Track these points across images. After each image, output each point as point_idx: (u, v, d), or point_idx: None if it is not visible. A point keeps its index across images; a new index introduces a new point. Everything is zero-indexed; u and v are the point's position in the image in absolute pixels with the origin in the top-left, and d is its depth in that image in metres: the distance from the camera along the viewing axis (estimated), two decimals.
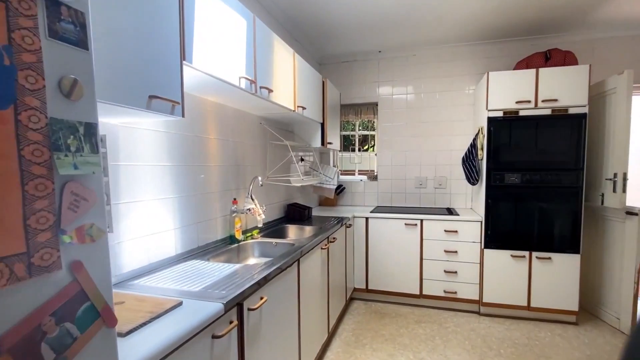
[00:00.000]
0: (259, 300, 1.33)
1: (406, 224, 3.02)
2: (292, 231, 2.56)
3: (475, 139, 2.93)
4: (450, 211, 3.18)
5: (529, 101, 2.64)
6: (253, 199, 2.16)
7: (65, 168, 0.51)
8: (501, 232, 2.76)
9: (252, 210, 2.12)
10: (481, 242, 2.84)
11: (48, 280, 0.51)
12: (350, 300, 3.23)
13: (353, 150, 3.94)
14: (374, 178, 3.75)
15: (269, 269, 1.44)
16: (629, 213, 2.50)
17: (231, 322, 1.13)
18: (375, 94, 3.67)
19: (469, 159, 2.97)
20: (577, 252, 2.62)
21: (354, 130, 3.94)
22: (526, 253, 2.72)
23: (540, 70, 2.62)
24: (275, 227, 2.48)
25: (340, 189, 3.78)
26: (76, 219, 0.54)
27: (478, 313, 2.92)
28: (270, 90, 1.86)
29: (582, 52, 3.02)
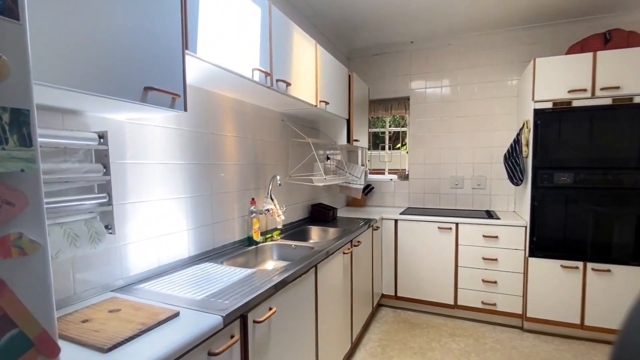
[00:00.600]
0: (267, 311, 1.21)
1: (440, 228, 2.78)
2: (315, 233, 2.44)
3: (519, 134, 2.63)
4: (489, 214, 2.90)
5: (585, 90, 2.31)
6: (272, 199, 2.06)
7: None
8: (550, 239, 2.45)
9: (271, 211, 2.02)
10: (525, 250, 2.54)
11: None
12: (377, 306, 3.05)
13: (383, 148, 3.74)
14: (405, 177, 3.53)
15: (281, 276, 1.32)
16: None
17: (232, 337, 1.03)
18: (406, 88, 3.45)
19: (512, 157, 2.68)
20: None
21: (384, 127, 3.74)
22: (580, 264, 2.38)
23: (598, 53, 2.28)
24: (297, 229, 2.37)
25: (368, 189, 3.59)
26: None
27: (521, 328, 2.62)
28: (288, 83, 1.74)
29: None
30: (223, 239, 1.81)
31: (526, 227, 2.53)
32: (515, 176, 2.67)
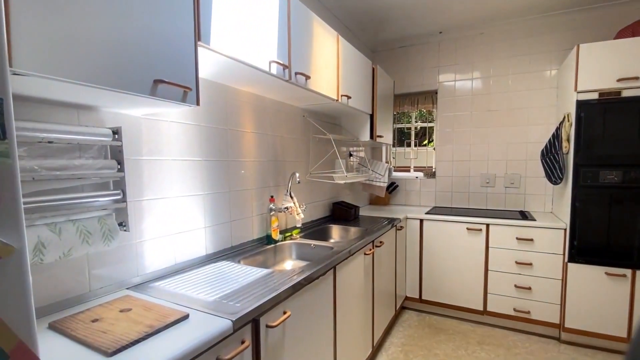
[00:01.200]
0: (281, 315, 1.16)
1: (469, 229, 2.62)
2: (336, 232, 2.37)
3: (559, 129, 2.42)
4: (524, 215, 2.70)
5: (637, 78, 2.07)
6: (292, 197, 2.01)
7: None
8: (593, 243, 2.24)
9: (290, 209, 1.96)
10: (564, 254, 2.34)
11: None
12: (401, 309, 2.94)
13: (409, 144, 3.60)
14: (432, 175, 3.37)
15: (298, 279, 1.26)
16: None
17: (243, 342, 0.98)
18: (434, 81, 3.28)
19: (551, 153, 2.47)
20: None
21: (410, 122, 3.59)
22: (628, 271, 2.16)
23: None
24: (317, 227, 2.30)
25: (392, 187, 3.47)
26: None
27: (558, 339, 2.43)
28: (307, 76, 1.67)
29: None
30: (241, 237, 1.77)
31: (565, 230, 2.33)
32: (554, 174, 2.46)
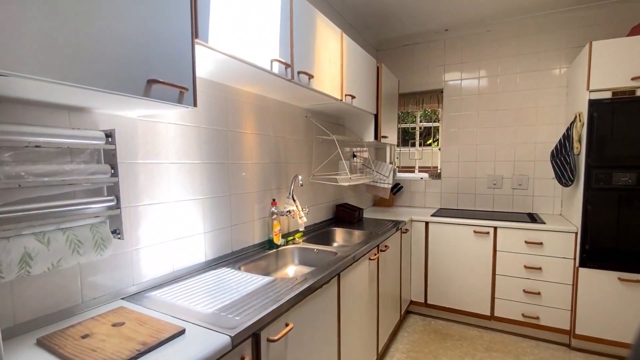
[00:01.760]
0: (283, 327, 1.10)
1: (475, 232, 2.56)
2: (339, 235, 2.31)
3: (569, 129, 2.34)
4: (532, 218, 2.63)
5: None
6: (294, 200, 1.95)
7: None
8: (605, 248, 2.17)
9: (292, 212, 1.90)
10: (575, 259, 2.27)
11: None
12: (406, 314, 2.88)
13: (414, 144, 3.53)
14: (437, 176, 3.30)
15: (299, 288, 1.20)
16: None
17: (243, 358, 0.92)
18: (440, 80, 3.21)
19: (561, 154, 2.40)
20: None
21: (415, 122, 3.52)
22: None
23: None
24: (320, 230, 2.24)
25: (397, 188, 3.40)
26: None
27: (568, 346, 2.36)
28: (310, 75, 1.61)
29: None
30: (242, 242, 1.72)
31: (576, 233, 2.26)
32: (564, 176, 2.39)
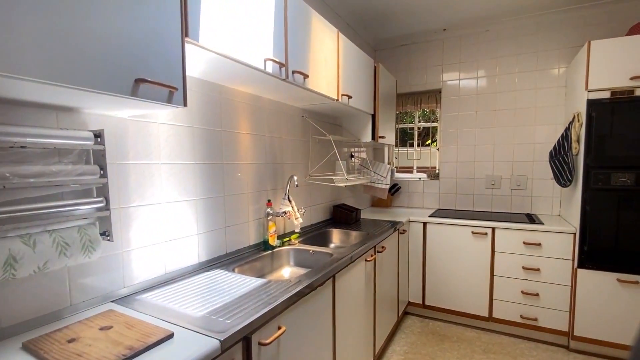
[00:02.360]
0: (275, 330, 1.08)
1: (474, 232, 2.54)
2: (336, 236, 2.29)
3: (568, 129, 2.33)
4: (531, 218, 2.61)
5: None
6: (290, 201, 1.93)
7: None
8: (604, 249, 2.15)
9: (288, 213, 1.89)
10: (574, 260, 2.25)
11: None
12: (403, 315, 2.86)
13: (412, 145, 3.51)
14: (435, 176, 3.29)
15: (293, 291, 1.18)
16: None
17: None
18: (438, 80, 3.19)
19: (560, 154, 2.38)
20: None
21: (413, 122, 3.50)
22: None
23: None
24: (317, 231, 2.23)
25: (395, 189, 3.39)
26: None
27: (566, 348, 2.34)
28: (305, 75, 1.59)
29: None
30: (237, 244, 1.70)
31: (575, 234, 2.24)
32: (562, 176, 2.37)
